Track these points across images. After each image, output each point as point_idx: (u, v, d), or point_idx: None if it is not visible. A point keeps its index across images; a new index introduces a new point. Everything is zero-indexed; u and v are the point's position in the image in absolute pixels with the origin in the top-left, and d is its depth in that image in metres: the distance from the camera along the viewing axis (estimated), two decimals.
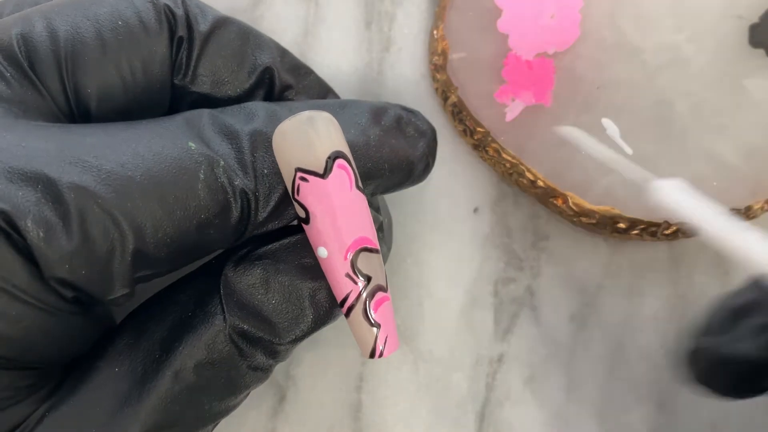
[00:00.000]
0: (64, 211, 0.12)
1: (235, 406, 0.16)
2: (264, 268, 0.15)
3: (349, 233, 0.14)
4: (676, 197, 0.13)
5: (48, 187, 0.12)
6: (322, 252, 0.14)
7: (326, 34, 0.23)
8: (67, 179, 0.12)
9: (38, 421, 0.13)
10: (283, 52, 0.17)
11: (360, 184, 0.15)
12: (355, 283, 0.14)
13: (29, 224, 0.12)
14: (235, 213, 0.14)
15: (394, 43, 0.23)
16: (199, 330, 0.14)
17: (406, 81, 0.22)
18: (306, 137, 0.14)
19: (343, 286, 0.14)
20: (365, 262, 0.14)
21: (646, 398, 0.21)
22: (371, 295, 0.14)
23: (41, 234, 0.12)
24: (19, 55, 0.14)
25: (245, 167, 0.14)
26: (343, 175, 0.14)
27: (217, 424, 0.16)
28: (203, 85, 0.16)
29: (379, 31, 0.23)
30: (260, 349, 0.15)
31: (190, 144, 0.14)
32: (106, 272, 0.13)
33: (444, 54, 0.21)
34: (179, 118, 0.15)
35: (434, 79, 0.22)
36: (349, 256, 0.14)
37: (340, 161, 0.14)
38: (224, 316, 0.14)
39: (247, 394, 0.16)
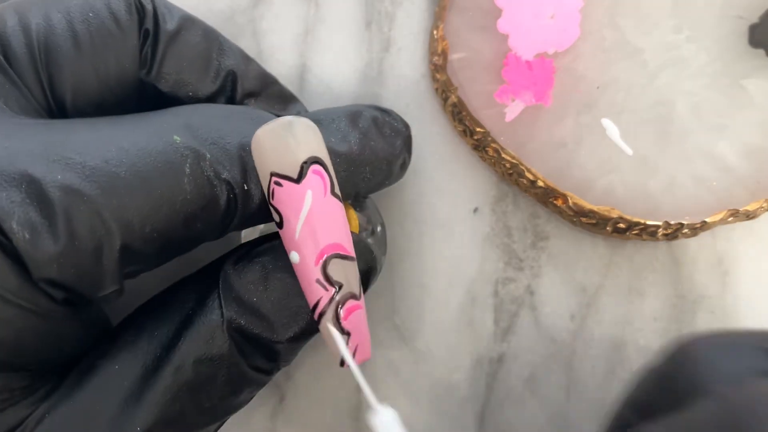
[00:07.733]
0: (49, 211, 0.12)
1: (237, 407, 0.16)
2: (263, 266, 0.15)
3: (322, 239, 0.14)
4: (387, 428, 0.14)
5: (32, 187, 0.12)
6: (294, 257, 0.14)
7: (326, 34, 0.23)
8: (51, 178, 0.12)
9: (38, 421, 0.13)
10: (248, 59, 0.18)
11: (337, 191, 0.14)
12: (326, 289, 0.14)
13: (14, 226, 0.12)
14: (222, 206, 0.14)
15: (394, 43, 0.23)
16: (197, 325, 0.14)
17: (406, 81, 0.22)
18: (283, 142, 0.14)
19: (313, 292, 0.14)
20: (337, 269, 0.14)
21: None
22: (342, 303, 0.14)
23: (27, 236, 0.12)
24: None
25: (232, 159, 0.14)
26: (318, 181, 0.14)
27: (221, 424, 0.16)
28: (167, 83, 0.16)
29: (379, 31, 0.23)
30: (259, 347, 0.15)
31: (175, 137, 0.13)
32: (95, 270, 0.13)
33: (444, 54, 0.21)
34: (164, 111, 0.15)
35: (434, 79, 0.22)
36: (321, 262, 0.14)
37: (315, 167, 0.14)
38: (222, 311, 0.14)
39: (251, 396, 0.16)
